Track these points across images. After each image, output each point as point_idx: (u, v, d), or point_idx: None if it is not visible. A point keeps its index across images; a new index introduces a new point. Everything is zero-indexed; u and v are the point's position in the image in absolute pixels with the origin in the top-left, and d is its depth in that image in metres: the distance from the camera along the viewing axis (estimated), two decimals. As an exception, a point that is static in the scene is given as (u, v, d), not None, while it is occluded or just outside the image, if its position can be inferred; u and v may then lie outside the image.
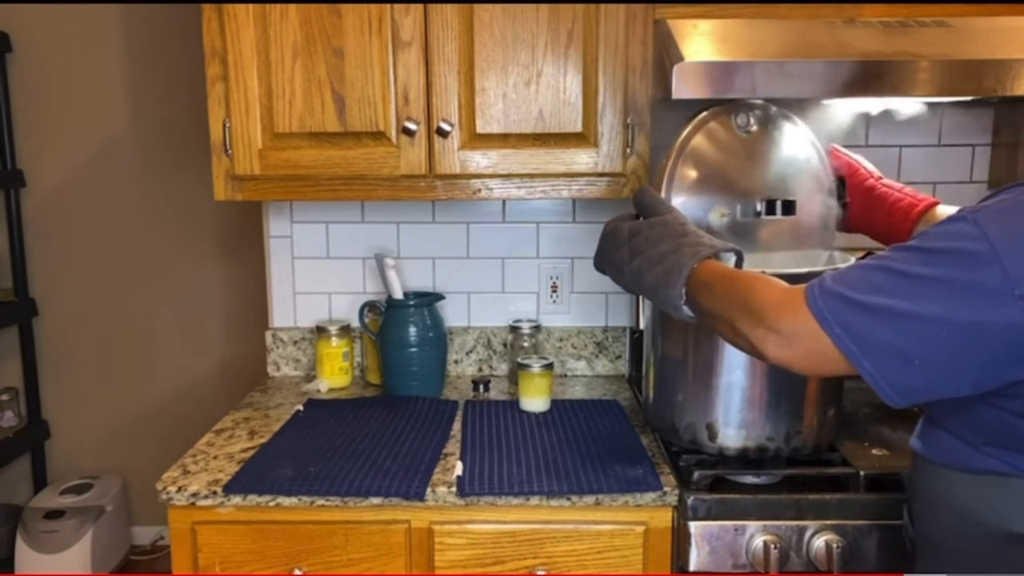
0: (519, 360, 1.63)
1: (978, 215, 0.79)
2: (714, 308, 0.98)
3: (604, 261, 1.19)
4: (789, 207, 1.24)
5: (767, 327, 0.88)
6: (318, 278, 1.90)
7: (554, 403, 1.64)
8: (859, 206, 1.33)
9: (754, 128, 1.30)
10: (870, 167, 1.37)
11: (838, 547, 1.18)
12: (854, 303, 0.83)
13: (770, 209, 1.24)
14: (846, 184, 1.34)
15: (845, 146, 1.44)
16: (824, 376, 0.94)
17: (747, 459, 1.27)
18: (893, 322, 0.80)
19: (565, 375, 1.89)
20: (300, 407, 1.64)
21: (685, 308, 1.03)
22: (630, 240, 1.13)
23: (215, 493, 1.26)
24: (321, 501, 1.26)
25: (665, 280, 1.04)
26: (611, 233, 1.18)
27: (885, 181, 1.33)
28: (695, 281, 1.01)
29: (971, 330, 0.77)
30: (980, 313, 0.77)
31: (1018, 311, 0.75)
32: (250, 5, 1.45)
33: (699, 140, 1.29)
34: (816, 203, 1.30)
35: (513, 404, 1.64)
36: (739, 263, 1.08)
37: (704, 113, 1.30)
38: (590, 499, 1.25)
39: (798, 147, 1.33)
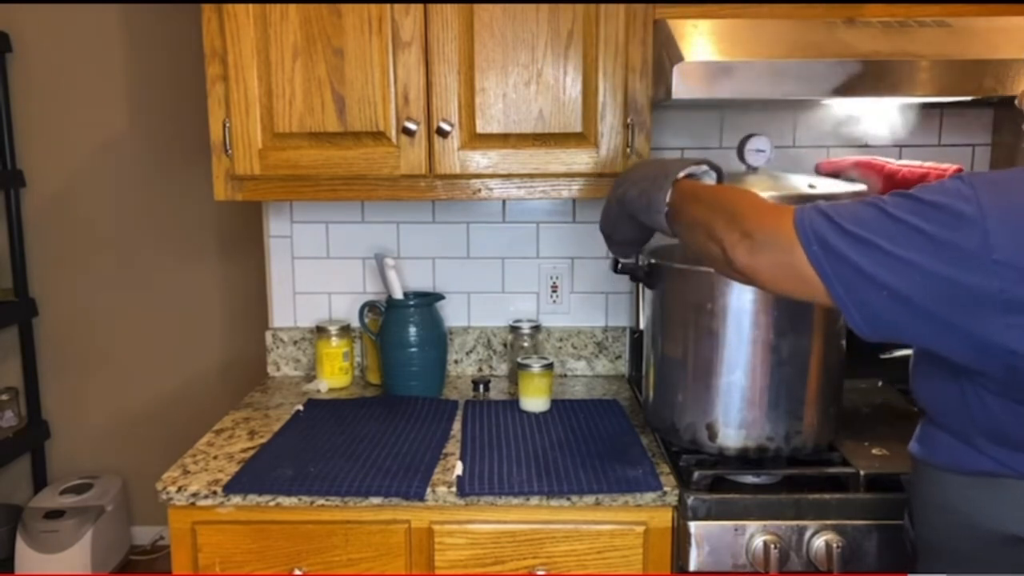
0: (519, 360, 1.63)
1: (975, 179, 0.82)
2: (696, 215, 0.99)
3: (602, 218, 1.24)
4: None
5: (742, 231, 0.88)
6: (318, 278, 1.90)
7: (554, 403, 1.64)
8: (887, 190, 1.34)
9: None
10: (881, 159, 1.40)
11: (838, 547, 1.18)
12: (838, 227, 0.83)
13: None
14: (865, 181, 1.37)
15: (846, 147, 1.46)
16: (781, 295, 0.93)
17: (747, 459, 1.27)
18: (871, 254, 0.81)
19: (565, 375, 1.89)
20: (300, 407, 1.64)
21: (664, 218, 1.05)
22: (619, 179, 1.19)
23: (215, 493, 1.26)
24: (321, 501, 1.26)
25: (652, 186, 1.07)
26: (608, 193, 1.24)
27: (903, 163, 1.36)
28: (681, 194, 1.04)
29: (943, 283, 0.79)
30: (953, 270, 0.78)
31: (990, 276, 0.77)
32: (250, 5, 1.45)
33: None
34: None
35: (513, 404, 1.64)
36: (719, 181, 1.12)
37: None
38: (590, 499, 1.25)
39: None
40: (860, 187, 1.31)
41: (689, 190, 1.04)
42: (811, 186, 1.25)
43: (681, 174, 1.07)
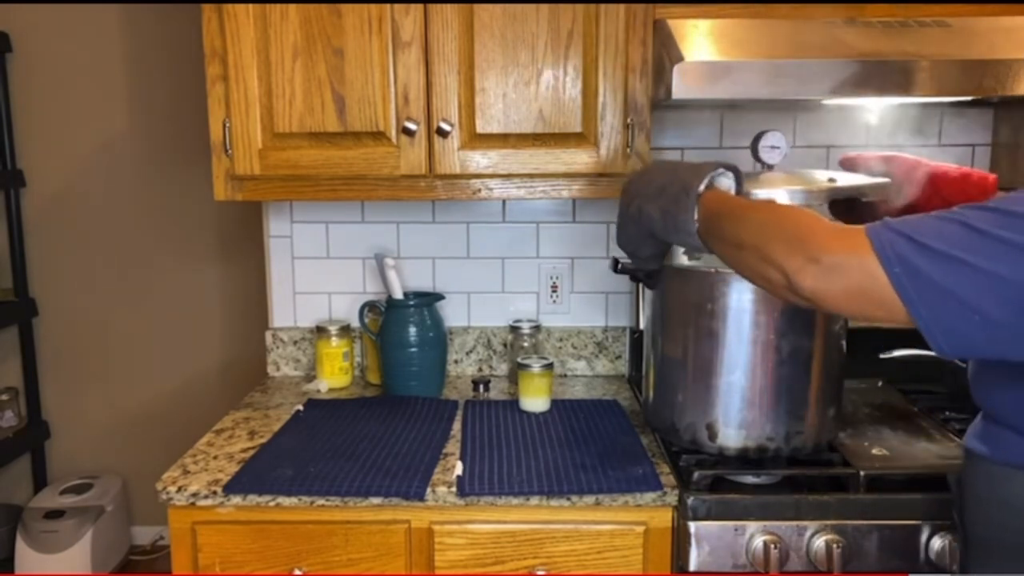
0: (519, 360, 1.63)
1: None
2: (740, 236, 0.92)
3: (620, 235, 1.19)
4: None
5: (808, 255, 0.83)
6: (318, 278, 1.90)
7: (554, 403, 1.64)
8: (927, 190, 1.28)
9: None
10: (911, 156, 1.36)
11: (838, 547, 1.18)
12: (922, 246, 0.79)
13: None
14: (891, 176, 1.32)
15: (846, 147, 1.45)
16: (853, 318, 0.89)
17: (747, 459, 1.27)
18: (960, 273, 0.78)
19: (565, 375, 1.89)
20: (300, 407, 1.64)
21: (696, 238, 0.99)
22: (626, 189, 1.14)
23: (215, 493, 1.26)
24: (321, 501, 1.26)
25: (674, 206, 1.01)
26: (620, 202, 1.18)
27: (937, 163, 1.32)
28: (709, 210, 0.98)
29: None
30: None
31: None
32: (250, 5, 1.45)
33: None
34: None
35: (513, 404, 1.64)
36: (738, 181, 1.07)
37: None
38: (590, 499, 1.25)
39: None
40: (884, 180, 1.27)
41: (719, 206, 0.98)
42: (831, 180, 1.22)
43: (702, 187, 1.01)
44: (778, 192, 1.17)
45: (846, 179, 1.25)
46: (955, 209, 0.83)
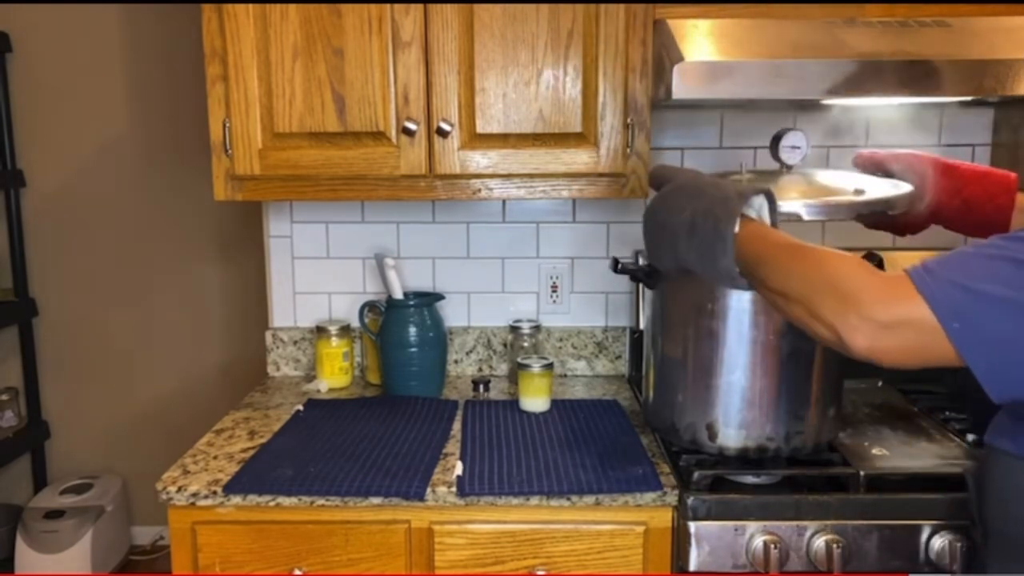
0: (519, 360, 1.63)
1: None
2: (783, 285, 0.89)
3: (652, 256, 1.12)
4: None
5: (860, 314, 0.79)
6: (318, 278, 1.90)
7: (554, 403, 1.64)
8: (946, 188, 1.23)
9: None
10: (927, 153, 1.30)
11: (838, 547, 1.18)
12: (979, 295, 0.76)
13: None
14: (908, 177, 1.27)
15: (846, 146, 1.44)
16: (909, 369, 0.85)
17: (747, 459, 1.27)
18: (1020, 316, 0.75)
19: (565, 375, 1.89)
20: (300, 407, 1.64)
21: (742, 279, 0.95)
22: (653, 217, 1.07)
23: (215, 493, 1.26)
24: (321, 501, 1.26)
25: (711, 251, 0.96)
26: (645, 224, 1.11)
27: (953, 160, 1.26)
28: (746, 251, 0.94)
29: None
30: None
31: None
32: (250, 5, 1.45)
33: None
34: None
35: (513, 404, 1.64)
36: (772, 206, 1.01)
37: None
38: (590, 499, 1.25)
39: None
40: (909, 189, 1.23)
41: (757, 248, 0.93)
42: (858, 191, 1.19)
43: (737, 227, 0.95)
44: (802, 206, 1.13)
45: (872, 189, 1.20)
46: (996, 242, 0.80)
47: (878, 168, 1.32)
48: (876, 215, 1.25)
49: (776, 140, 1.27)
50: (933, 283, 0.78)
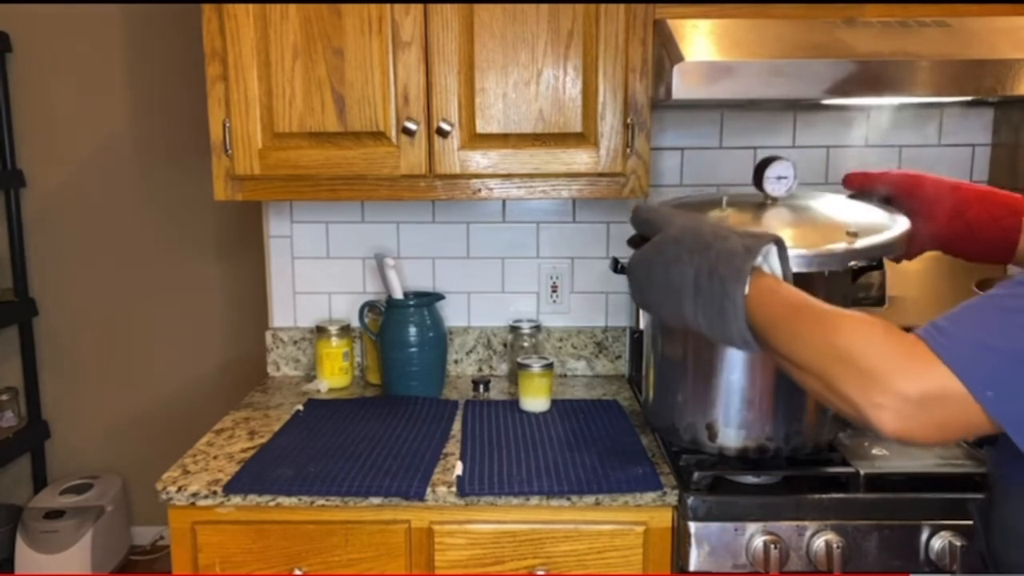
0: (519, 360, 1.63)
1: None
2: (796, 355, 0.80)
3: (651, 311, 1.01)
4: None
5: (886, 391, 0.70)
6: (318, 278, 1.90)
7: (554, 403, 1.64)
8: (947, 210, 1.13)
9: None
10: (920, 172, 1.20)
11: (838, 547, 1.18)
12: (1005, 354, 0.68)
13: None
14: (903, 200, 1.17)
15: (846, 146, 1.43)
16: (942, 445, 0.78)
17: (747, 459, 1.27)
18: None
19: (565, 375, 1.89)
20: (300, 407, 1.64)
21: (755, 343, 0.87)
22: (649, 271, 0.96)
23: (215, 493, 1.26)
24: (321, 501, 1.26)
25: (720, 319, 0.87)
26: (630, 272, 1.01)
27: (946, 178, 1.17)
28: (755, 309, 0.85)
29: None
30: None
31: None
32: (250, 5, 1.45)
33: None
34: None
35: (513, 404, 1.64)
36: (782, 254, 0.91)
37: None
38: (590, 499, 1.25)
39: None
40: (904, 224, 1.12)
41: (767, 312, 0.84)
42: (850, 233, 1.08)
43: (748, 288, 0.86)
44: (794, 257, 0.98)
45: (865, 231, 1.10)
46: (1011, 291, 0.73)
47: (870, 190, 1.23)
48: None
49: (760, 169, 1.19)
50: (953, 347, 0.70)
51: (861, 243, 1.08)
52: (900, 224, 1.13)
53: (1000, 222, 1.09)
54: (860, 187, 1.25)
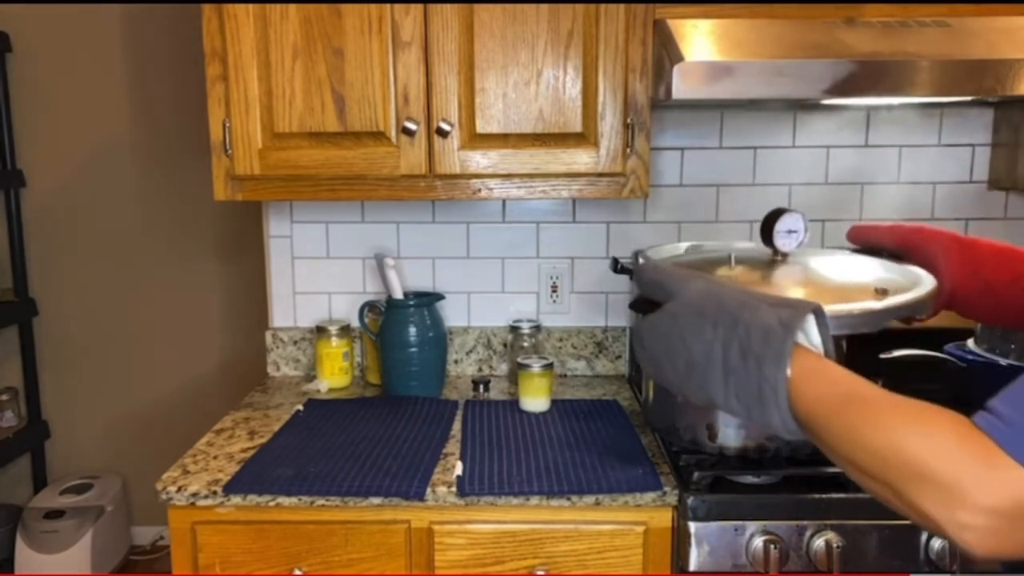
0: (519, 360, 1.63)
1: None
2: (858, 457, 0.69)
3: (672, 388, 0.87)
4: None
5: (972, 510, 0.62)
6: (318, 278, 1.90)
7: (554, 403, 1.64)
8: (961, 268, 1.04)
9: None
10: (927, 226, 1.11)
11: (838, 547, 1.18)
12: None
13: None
14: (919, 251, 1.09)
15: (846, 147, 1.42)
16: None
17: (747, 459, 1.27)
18: None
19: (565, 375, 1.89)
20: (300, 407, 1.64)
21: (799, 432, 0.75)
22: (667, 346, 0.83)
23: (215, 493, 1.26)
24: (321, 501, 1.26)
25: (759, 403, 0.76)
26: (639, 343, 0.88)
27: (957, 233, 1.08)
28: (799, 394, 0.74)
29: None
30: None
31: None
32: (250, 5, 1.45)
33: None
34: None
35: (513, 404, 1.64)
36: (821, 323, 0.78)
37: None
38: (590, 499, 1.25)
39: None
40: (932, 283, 1.03)
41: (815, 400, 0.73)
42: (879, 291, 0.98)
43: (789, 370, 0.73)
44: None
45: (893, 291, 1.00)
46: None
47: (877, 244, 1.14)
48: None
49: (769, 224, 1.09)
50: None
51: (892, 301, 0.97)
52: (927, 281, 1.03)
53: (1021, 281, 0.99)
54: (866, 241, 1.16)
